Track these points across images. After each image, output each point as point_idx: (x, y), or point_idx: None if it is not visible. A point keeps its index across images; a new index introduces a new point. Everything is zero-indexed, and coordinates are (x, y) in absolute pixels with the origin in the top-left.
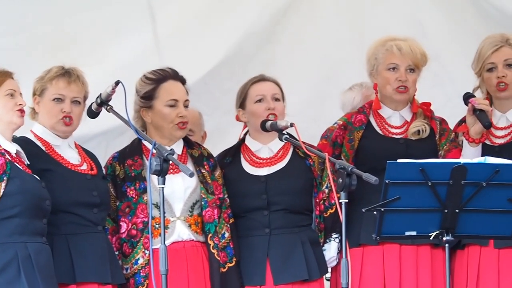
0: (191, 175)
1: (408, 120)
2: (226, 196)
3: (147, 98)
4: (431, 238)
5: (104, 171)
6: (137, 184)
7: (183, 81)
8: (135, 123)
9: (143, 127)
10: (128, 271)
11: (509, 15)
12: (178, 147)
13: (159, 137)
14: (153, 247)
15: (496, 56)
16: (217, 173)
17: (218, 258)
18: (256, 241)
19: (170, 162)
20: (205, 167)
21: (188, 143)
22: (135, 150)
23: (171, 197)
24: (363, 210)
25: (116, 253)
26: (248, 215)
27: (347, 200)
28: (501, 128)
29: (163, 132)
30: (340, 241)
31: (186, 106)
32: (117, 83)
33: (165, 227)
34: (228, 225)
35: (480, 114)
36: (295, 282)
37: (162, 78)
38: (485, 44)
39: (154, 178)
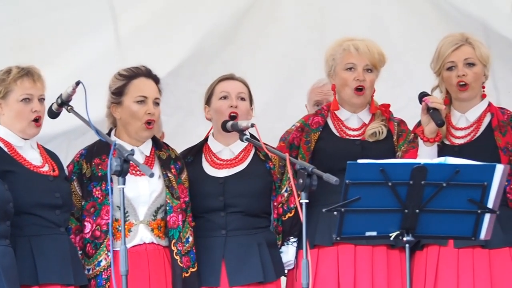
0: (151, 175)
1: (366, 122)
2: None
3: (117, 94)
4: (391, 239)
5: (68, 170)
6: (103, 185)
7: (156, 79)
8: (106, 119)
9: (114, 124)
10: (90, 272)
11: (469, 15)
12: (146, 148)
13: (127, 135)
14: (115, 249)
15: (456, 55)
16: (184, 175)
17: (181, 265)
18: (213, 242)
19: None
20: (172, 170)
21: (157, 144)
22: (103, 148)
23: (136, 200)
24: (324, 210)
25: (80, 252)
26: (206, 216)
27: (307, 201)
28: (461, 129)
29: (130, 131)
30: (298, 244)
31: (157, 104)
32: (77, 83)
33: (128, 231)
34: (192, 229)
35: (433, 113)
36: (250, 284)
37: (134, 75)
38: (444, 43)
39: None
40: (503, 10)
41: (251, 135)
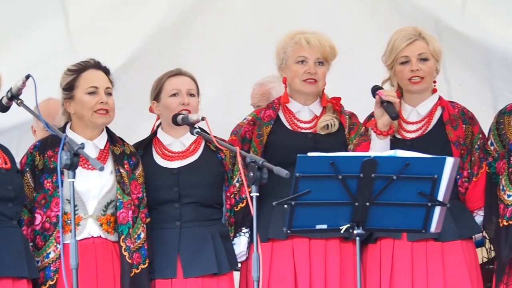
0: (101, 169)
1: (317, 114)
2: (144, 195)
3: (68, 89)
4: (341, 232)
5: (22, 162)
6: (54, 177)
7: (106, 71)
8: (62, 116)
9: (69, 119)
10: (39, 264)
11: (420, 8)
12: (101, 142)
13: (83, 128)
14: (64, 242)
15: (410, 49)
16: (138, 171)
17: (129, 261)
18: (167, 233)
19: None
20: (125, 166)
21: (112, 139)
22: (57, 141)
23: (86, 194)
24: (274, 203)
25: (30, 244)
26: (160, 208)
27: (258, 194)
28: (412, 123)
29: (85, 121)
30: (251, 235)
31: (109, 94)
32: (27, 77)
33: (77, 224)
34: (145, 225)
35: (387, 106)
36: (205, 276)
37: (83, 68)
38: (398, 37)
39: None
40: (454, 4)
41: (201, 129)
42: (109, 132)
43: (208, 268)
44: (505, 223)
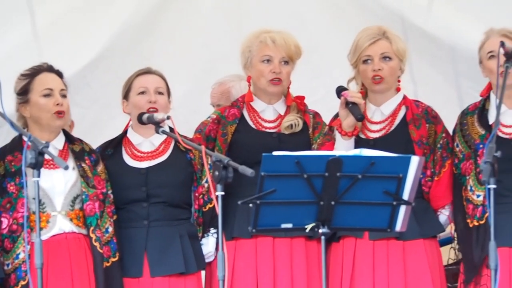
0: (66, 168)
1: (282, 113)
2: (109, 191)
3: (23, 93)
4: (307, 231)
5: None
6: (17, 179)
7: (59, 74)
8: (17, 122)
9: (25, 125)
10: (10, 266)
11: (387, 7)
12: (59, 142)
13: (39, 131)
14: (33, 241)
15: (373, 49)
16: (100, 168)
17: (101, 251)
18: (135, 232)
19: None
20: (86, 161)
21: (69, 138)
22: (15, 146)
23: (52, 191)
24: (239, 202)
25: None
26: (128, 207)
27: (223, 193)
28: (376, 122)
29: (42, 124)
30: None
31: (64, 96)
32: None
33: (47, 221)
34: (112, 221)
35: (352, 107)
36: (172, 275)
37: (36, 72)
38: (362, 36)
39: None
40: (421, 3)
41: (170, 128)
42: (65, 133)
43: (175, 267)
44: (476, 223)
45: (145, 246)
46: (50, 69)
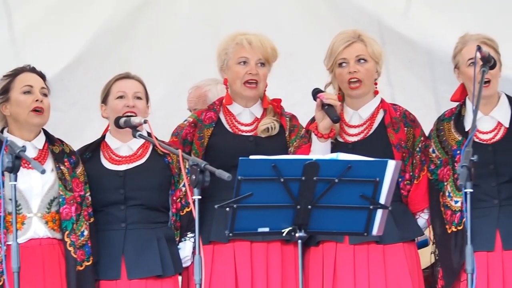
0: (42, 172)
1: (258, 117)
2: (87, 194)
3: (4, 93)
4: (284, 235)
5: None
6: None
7: (42, 75)
8: None
9: (6, 125)
10: None
11: (363, 11)
12: (39, 142)
13: (19, 130)
14: (9, 243)
15: (348, 51)
16: (79, 170)
17: (75, 256)
18: (113, 235)
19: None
20: (65, 164)
21: (50, 139)
22: None
23: (28, 193)
24: (216, 206)
25: None
26: (105, 210)
27: (200, 197)
28: (354, 126)
29: (21, 121)
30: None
31: (44, 95)
32: None
33: (22, 223)
34: (88, 224)
35: (328, 109)
36: (149, 278)
37: (18, 72)
38: (337, 40)
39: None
40: (397, 7)
41: (147, 132)
42: (46, 133)
43: (152, 270)
44: (454, 229)
45: (122, 249)
46: (32, 70)
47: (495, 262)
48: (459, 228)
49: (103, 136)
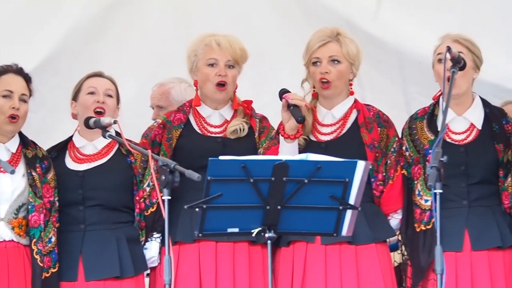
0: (12, 172)
1: (228, 119)
2: (56, 199)
3: None
4: (253, 235)
5: None
6: None
7: (27, 78)
8: None
9: None
10: None
11: (334, 11)
12: (13, 145)
13: None
14: None
15: (322, 51)
16: (50, 175)
17: (41, 265)
18: (71, 236)
19: None
20: (37, 169)
21: (24, 142)
22: None
23: None
24: (185, 207)
25: None
26: (65, 210)
27: (170, 197)
28: (327, 125)
29: None
30: (162, 240)
31: (23, 101)
32: None
33: None
34: (55, 229)
35: (293, 110)
36: (107, 279)
37: (3, 71)
38: (314, 37)
39: None
40: (368, 8)
41: (116, 132)
42: (21, 135)
43: (110, 271)
44: (423, 228)
45: (80, 250)
46: (18, 71)
47: (464, 263)
48: (428, 227)
49: (72, 135)
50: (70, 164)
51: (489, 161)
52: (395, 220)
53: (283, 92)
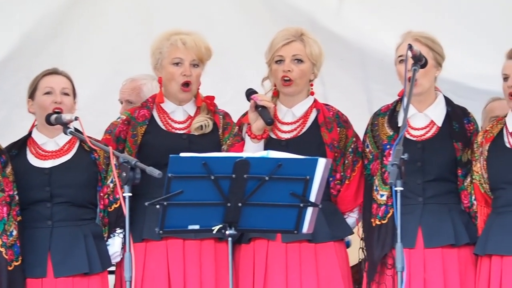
0: None
1: (192, 115)
2: (15, 193)
3: None
4: (214, 232)
5: None
6: None
7: None
8: None
9: None
10: None
11: (296, 9)
12: None
13: None
14: None
15: (285, 50)
16: (8, 169)
17: (6, 257)
18: (39, 233)
19: None
20: None
21: None
22: None
23: None
24: (146, 203)
25: None
26: (31, 207)
27: (131, 194)
28: (288, 123)
29: None
30: (125, 236)
31: None
32: None
33: None
34: (16, 223)
35: (262, 111)
36: (76, 275)
37: None
38: (278, 36)
39: None
40: (330, 5)
41: (76, 129)
42: None
43: (79, 267)
44: (378, 223)
45: (48, 247)
46: None
47: (417, 260)
48: (383, 222)
49: (30, 133)
50: (33, 161)
51: (446, 159)
52: (351, 218)
53: (250, 93)
